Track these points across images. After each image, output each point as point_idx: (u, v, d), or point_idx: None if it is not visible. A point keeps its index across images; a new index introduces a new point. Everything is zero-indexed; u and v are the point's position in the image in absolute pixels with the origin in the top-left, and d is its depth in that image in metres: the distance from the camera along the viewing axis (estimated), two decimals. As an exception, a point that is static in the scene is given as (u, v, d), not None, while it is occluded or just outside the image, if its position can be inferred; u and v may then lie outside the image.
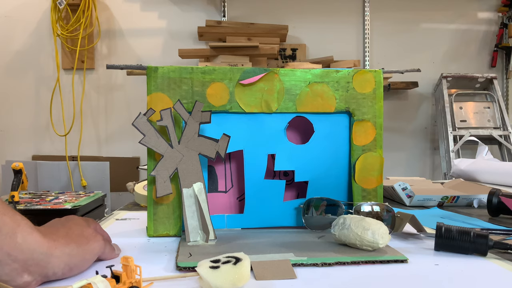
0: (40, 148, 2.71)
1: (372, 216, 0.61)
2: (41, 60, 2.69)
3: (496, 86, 2.57)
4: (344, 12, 2.76)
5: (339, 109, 0.69)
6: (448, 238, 0.55)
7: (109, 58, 2.70)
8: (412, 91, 2.80)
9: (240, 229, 0.68)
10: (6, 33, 2.67)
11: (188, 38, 2.70)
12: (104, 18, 2.69)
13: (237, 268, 0.42)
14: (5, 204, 0.41)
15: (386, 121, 2.70)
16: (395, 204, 0.96)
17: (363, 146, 0.70)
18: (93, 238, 0.49)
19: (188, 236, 0.60)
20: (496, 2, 2.82)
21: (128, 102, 2.72)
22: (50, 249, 0.42)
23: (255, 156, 0.68)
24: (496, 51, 2.79)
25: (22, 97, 2.69)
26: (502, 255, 0.54)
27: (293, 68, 0.69)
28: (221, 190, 0.72)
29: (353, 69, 0.70)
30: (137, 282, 0.40)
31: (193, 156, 0.63)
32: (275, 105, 0.68)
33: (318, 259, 0.51)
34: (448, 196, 0.93)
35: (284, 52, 2.69)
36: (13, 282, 0.40)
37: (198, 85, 0.66)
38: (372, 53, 2.77)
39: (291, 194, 0.75)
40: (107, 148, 2.72)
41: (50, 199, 1.47)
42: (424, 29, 2.80)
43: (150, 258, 0.53)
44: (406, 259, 0.52)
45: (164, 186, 0.62)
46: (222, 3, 2.68)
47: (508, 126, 2.47)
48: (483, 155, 1.35)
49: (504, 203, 0.78)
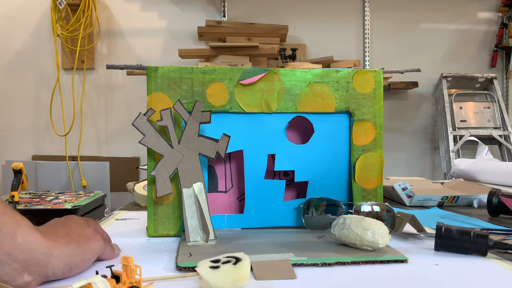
0: (40, 148, 2.71)
1: (372, 216, 0.61)
2: (41, 60, 2.69)
3: (496, 86, 2.57)
4: (344, 12, 2.76)
5: (339, 109, 0.69)
6: (448, 238, 0.55)
7: (109, 58, 2.70)
8: (412, 91, 2.80)
9: (240, 229, 0.68)
10: (6, 33, 2.67)
11: (188, 38, 2.70)
12: (104, 18, 2.69)
13: (237, 268, 0.42)
14: (5, 204, 0.41)
15: (386, 121, 2.70)
16: (395, 204, 0.96)
17: (363, 146, 0.70)
18: (93, 238, 0.49)
19: (188, 236, 0.60)
20: (496, 2, 2.82)
21: (128, 102, 2.72)
22: (50, 249, 0.42)
23: (255, 156, 0.68)
24: (496, 51, 2.79)
25: (22, 97, 2.69)
26: (502, 255, 0.54)
27: (293, 68, 0.69)
28: (221, 190, 0.72)
29: (353, 69, 0.70)
30: (137, 282, 0.40)
31: (193, 156, 0.63)
32: (275, 105, 0.68)
33: (318, 259, 0.51)
34: (448, 196, 0.93)
35: (284, 52, 2.69)
36: (13, 282, 0.40)
37: (198, 85, 0.66)
38: (372, 53, 2.77)
39: (291, 194, 0.75)
40: (107, 148, 2.72)
41: (50, 199, 1.47)
42: (424, 29, 2.80)
43: (150, 258, 0.53)
44: (406, 259, 0.52)
45: (164, 186, 0.62)
46: (222, 3, 2.68)
47: (508, 126, 2.47)
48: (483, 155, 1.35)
49: (504, 203, 0.78)
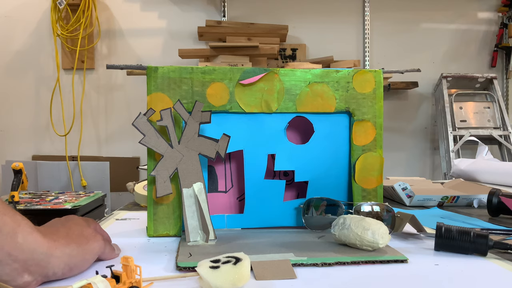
0: (40, 148, 2.71)
1: (372, 216, 0.61)
2: (41, 60, 2.69)
3: (496, 86, 2.57)
4: (344, 12, 2.76)
5: (339, 109, 0.69)
6: (448, 238, 0.55)
7: (109, 58, 2.70)
8: (412, 91, 2.80)
9: (240, 229, 0.68)
10: (6, 33, 2.67)
11: (188, 38, 2.70)
12: (104, 18, 2.69)
13: (237, 268, 0.42)
14: (5, 204, 0.41)
15: (386, 121, 2.70)
16: (395, 204, 0.96)
17: (363, 146, 0.70)
18: (93, 238, 0.49)
19: (188, 236, 0.60)
20: (496, 2, 2.82)
21: (128, 102, 2.72)
22: (50, 249, 0.42)
23: (255, 156, 0.68)
24: (496, 51, 2.79)
25: (22, 97, 2.69)
26: (502, 255, 0.54)
27: (293, 68, 0.69)
28: (221, 190, 0.72)
29: (353, 69, 0.70)
30: (137, 282, 0.40)
31: (193, 156, 0.63)
32: (275, 105, 0.68)
33: (318, 259, 0.51)
34: (448, 196, 0.93)
35: (284, 52, 2.69)
36: (13, 282, 0.40)
37: (198, 85, 0.66)
38: (372, 53, 2.77)
39: (291, 194, 0.75)
40: (107, 148, 2.72)
41: (50, 199, 1.47)
42: (424, 29, 2.80)
43: (150, 258, 0.53)
44: (406, 259, 0.52)
45: (164, 186, 0.62)
46: (222, 3, 2.68)
47: (508, 126, 2.47)
48: (483, 155, 1.35)
49: (504, 203, 0.78)
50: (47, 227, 0.47)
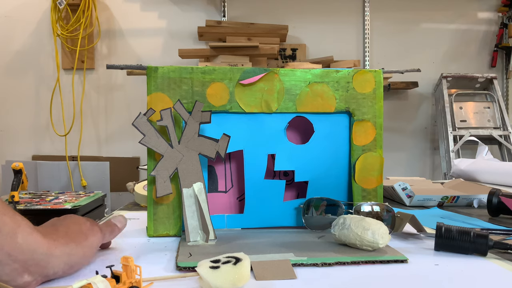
0: (40, 148, 2.71)
1: (372, 216, 0.61)
2: (41, 60, 2.69)
3: (496, 86, 2.57)
4: (344, 12, 2.76)
5: (339, 109, 0.69)
6: (448, 238, 0.55)
7: (109, 58, 2.70)
8: (412, 91, 2.80)
9: (240, 229, 0.68)
10: (6, 33, 2.67)
11: (188, 38, 2.70)
12: (104, 18, 2.69)
13: (237, 268, 0.42)
14: (5, 204, 0.41)
15: (386, 121, 2.70)
16: (395, 204, 0.96)
17: (363, 146, 0.70)
18: (91, 232, 0.49)
19: (188, 236, 0.60)
20: (496, 2, 2.82)
21: (128, 102, 2.72)
22: (50, 249, 0.42)
23: (255, 156, 0.68)
24: (496, 51, 2.79)
25: (22, 97, 2.69)
26: (502, 255, 0.54)
27: (293, 68, 0.69)
28: (221, 190, 0.72)
29: (353, 69, 0.70)
30: (137, 282, 0.40)
31: (193, 156, 0.63)
32: (275, 105, 0.68)
33: (318, 259, 0.51)
34: (448, 196, 0.93)
35: (284, 52, 2.69)
36: (13, 282, 0.40)
37: (198, 85, 0.66)
38: (372, 53, 2.77)
39: (291, 194, 0.75)
40: (107, 148, 2.72)
41: (50, 199, 1.47)
42: (424, 29, 2.80)
43: (150, 258, 0.53)
44: (406, 259, 0.52)
45: (164, 186, 0.62)
46: (222, 3, 2.68)
47: (508, 126, 2.47)
48: (483, 155, 1.35)
49: (504, 203, 0.78)
50: (46, 226, 0.47)
